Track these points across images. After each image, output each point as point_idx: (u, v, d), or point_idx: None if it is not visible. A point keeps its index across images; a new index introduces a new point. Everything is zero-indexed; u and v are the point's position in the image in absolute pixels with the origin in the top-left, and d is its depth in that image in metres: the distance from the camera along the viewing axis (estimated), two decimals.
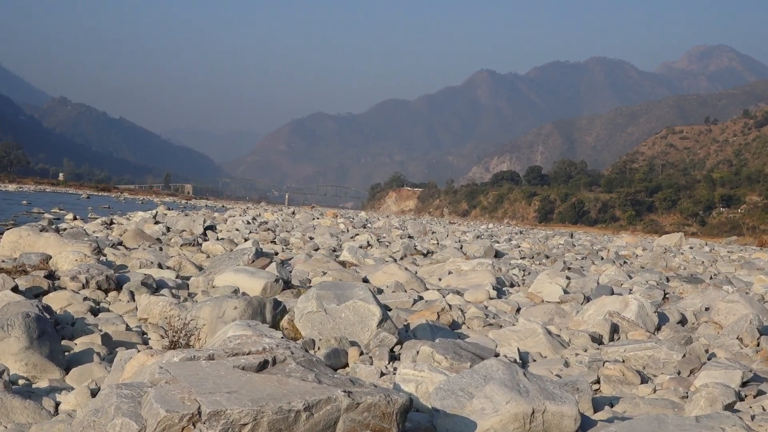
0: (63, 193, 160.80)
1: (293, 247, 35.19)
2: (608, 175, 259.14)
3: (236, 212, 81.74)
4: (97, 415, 6.96)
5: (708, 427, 8.60)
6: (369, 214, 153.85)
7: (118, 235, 33.21)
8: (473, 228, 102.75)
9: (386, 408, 7.58)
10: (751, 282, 30.91)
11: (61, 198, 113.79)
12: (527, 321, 16.34)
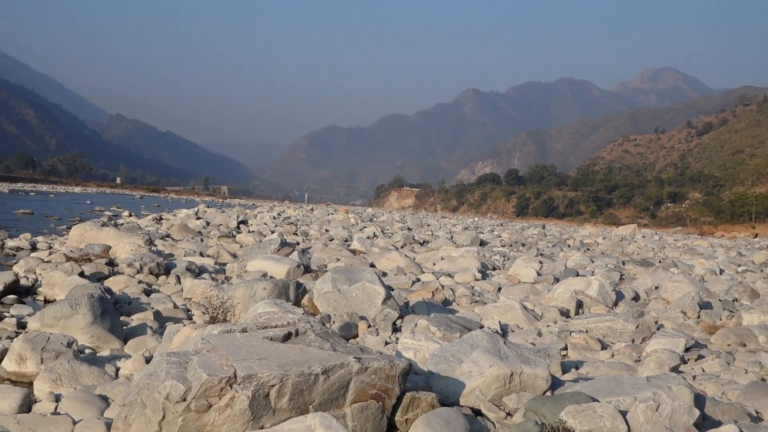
0: (120, 194, 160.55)
1: (312, 238, 35.20)
2: (574, 176, 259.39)
3: (264, 209, 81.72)
4: (150, 378, 6.99)
5: (657, 386, 8.62)
6: (375, 210, 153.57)
7: (166, 228, 33.26)
8: (462, 221, 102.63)
9: (390, 371, 7.61)
10: (693, 265, 31.17)
11: (119, 198, 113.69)
12: (507, 298, 16.37)
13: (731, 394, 9.84)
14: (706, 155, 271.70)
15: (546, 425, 7.85)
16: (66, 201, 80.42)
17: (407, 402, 7.79)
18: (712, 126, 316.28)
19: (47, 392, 8.43)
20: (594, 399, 8.26)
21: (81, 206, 63.96)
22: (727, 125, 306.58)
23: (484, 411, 8.53)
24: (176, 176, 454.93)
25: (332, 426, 6.51)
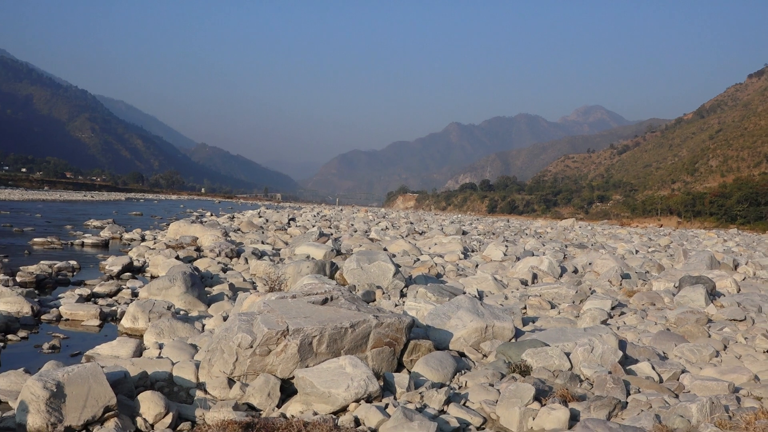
0: (204, 200, 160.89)
1: (341, 230, 35.17)
2: (529, 184, 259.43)
3: (307, 210, 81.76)
4: (227, 331, 7.00)
5: (591, 334, 8.61)
6: (386, 210, 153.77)
7: (237, 224, 33.30)
8: (449, 217, 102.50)
9: (399, 325, 7.60)
10: (615, 247, 31.18)
11: (203, 203, 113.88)
12: (482, 272, 16.36)
13: (645, 339, 9.83)
14: (624, 168, 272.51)
15: (512, 363, 7.86)
16: (165, 205, 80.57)
17: (411, 347, 7.80)
18: (628, 147, 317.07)
19: (153, 342, 8.46)
20: (546, 344, 8.26)
21: (176, 209, 64.09)
22: (639, 146, 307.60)
23: (466, 353, 8.53)
24: (243, 186, 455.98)
25: (357, 365, 6.50)
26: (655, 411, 6.38)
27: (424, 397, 6.65)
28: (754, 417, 5.88)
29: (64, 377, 5.60)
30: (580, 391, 7.07)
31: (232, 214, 47.34)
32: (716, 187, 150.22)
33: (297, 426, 5.35)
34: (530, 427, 6.16)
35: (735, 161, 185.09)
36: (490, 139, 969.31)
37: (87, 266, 16.42)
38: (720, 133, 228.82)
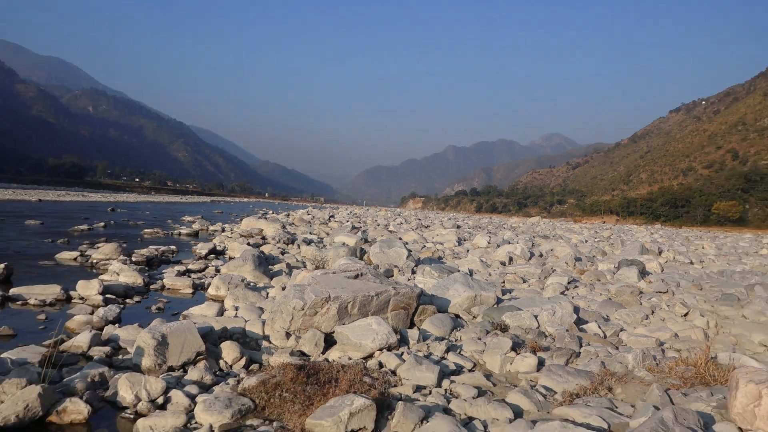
0: (267, 202, 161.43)
1: (368, 224, 35.15)
2: (506, 191, 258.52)
3: (343, 210, 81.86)
4: (285, 298, 6.99)
5: (553, 302, 8.53)
6: (400, 210, 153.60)
7: (291, 219, 33.32)
8: (446, 215, 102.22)
9: (411, 294, 7.57)
10: (570, 237, 30.85)
11: (267, 204, 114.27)
12: (472, 256, 16.24)
13: (593, 306, 9.73)
14: (577, 179, 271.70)
15: (494, 323, 7.81)
16: (239, 206, 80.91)
17: (420, 310, 7.77)
18: (579, 164, 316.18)
19: (231, 305, 8.48)
20: (520, 309, 8.19)
21: (247, 208, 64.33)
22: (588, 163, 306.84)
23: (461, 315, 8.49)
24: (296, 192, 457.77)
25: (381, 323, 6.49)
26: (601, 359, 6.33)
27: (429, 347, 6.63)
28: (675, 364, 5.83)
29: (167, 330, 5.64)
30: (545, 344, 7.02)
31: (288, 212, 47.46)
32: (645, 194, 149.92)
33: (336, 367, 5.35)
34: (508, 370, 6.12)
35: (659, 174, 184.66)
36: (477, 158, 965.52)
37: (183, 250, 16.51)
38: (648, 153, 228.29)
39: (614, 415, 4.52)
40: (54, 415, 4.31)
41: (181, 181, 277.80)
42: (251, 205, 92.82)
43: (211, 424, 4.27)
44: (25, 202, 40.90)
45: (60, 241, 16.14)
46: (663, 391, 4.89)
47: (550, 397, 5.22)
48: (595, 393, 5.23)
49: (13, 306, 8.00)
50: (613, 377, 5.54)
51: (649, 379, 5.52)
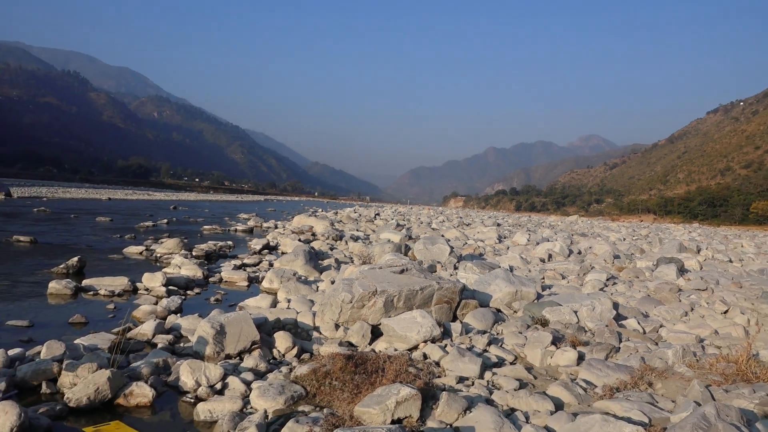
0: (317, 201, 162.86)
1: (412, 222, 35.09)
2: (545, 190, 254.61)
3: (388, 208, 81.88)
4: (334, 291, 7.00)
5: (592, 298, 8.35)
6: (442, 209, 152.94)
7: (339, 217, 33.51)
8: (487, 214, 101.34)
9: (454, 289, 7.50)
10: (608, 235, 30.14)
11: (316, 203, 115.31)
12: (512, 253, 16.05)
13: (632, 303, 9.46)
14: (614, 179, 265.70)
15: (534, 317, 7.67)
16: (291, 204, 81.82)
17: (462, 305, 7.69)
18: (617, 164, 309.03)
19: (284, 297, 8.55)
20: (559, 304, 8.03)
21: (298, 207, 65.01)
22: (625, 164, 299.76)
23: (502, 310, 8.37)
24: (343, 191, 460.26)
25: (425, 316, 6.43)
26: (640, 354, 6.14)
27: (472, 340, 6.55)
28: (716, 361, 5.62)
29: (224, 320, 5.71)
30: (585, 339, 6.85)
31: (336, 211, 47.77)
32: (683, 193, 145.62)
33: (383, 358, 5.32)
34: (549, 363, 6.00)
35: (697, 174, 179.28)
36: (516, 159, 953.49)
37: (239, 245, 16.76)
38: (685, 154, 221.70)
39: (655, 410, 4.37)
40: (122, 397, 4.41)
41: (237, 181, 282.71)
42: (302, 203, 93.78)
43: (265, 410, 4.30)
44: (96, 201, 42.23)
45: (127, 237, 16.59)
46: (704, 387, 4.70)
47: (591, 390, 5.08)
48: (635, 387, 5.08)
49: (85, 296, 8.24)
50: (653, 372, 5.37)
51: (690, 375, 5.32)
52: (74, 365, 4.62)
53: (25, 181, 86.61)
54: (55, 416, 4.04)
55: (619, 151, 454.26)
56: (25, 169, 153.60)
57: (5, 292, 8.09)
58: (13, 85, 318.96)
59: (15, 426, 3.56)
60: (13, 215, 22.73)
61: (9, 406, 3.65)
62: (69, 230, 17.89)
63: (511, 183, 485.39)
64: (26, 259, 11.30)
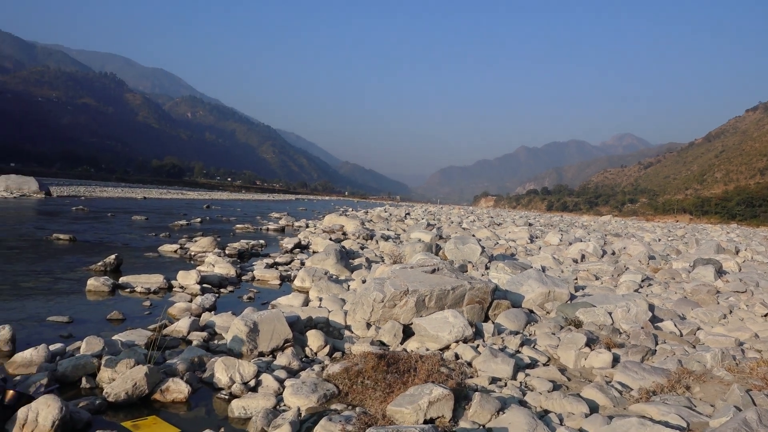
0: (347, 200, 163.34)
1: (442, 221, 34.95)
2: (577, 190, 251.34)
3: (418, 208, 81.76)
4: (365, 290, 7.02)
5: (627, 299, 8.22)
6: (473, 208, 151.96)
7: (370, 217, 33.55)
8: (518, 214, 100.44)
9: (486, 289, 7.46)
10: (643, 236, 29.61)
11: (346, 202, 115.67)
12: (544, 253, 15.87)
13: (668, 304, 9.27)
14: (649, 179, 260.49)
15: (568, 318, 7.57)
16: (321, 204, 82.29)
17: (494, 305, 7.64)
18: (652, 164, 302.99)
19: (315, 296, 8.61)
20: (593, 305, 7.92)
21: (328, 206, 65.33)
22: (660, 163, 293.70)
23: (534, 311, 8.28)
24: (374, 191, 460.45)
25: (457, 316, 6.41)
26: (677, 357, 6.01)
27: (504, 340, 6.50)
28: (756, 365, 5.48)
29: (258, 318, 5.77)
30: (620, 341, 6.74)
31: (366, 210, 47.86)
32: (720, 193, 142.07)
33: (415, 357, 5.32)
34: (583, 365, 5.92)
35: (735, 174, 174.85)
36: (548, 158, 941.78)
37: (271, 244, 16.92)
38: (723, 153, 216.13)
39: (693, 414, 4.28)
40: (158, 393, 4.49)
41: (269, 181, 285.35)
42: (332, 203, 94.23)
43: (298, 407, 4.33)
44: (132, 200, 43.07)
45: (162, 235, 16.88)
46: (744, 392, 4.59)
47: (626, 393, 5.00)
48: (672, 391, 4.98)
49: (122, 293, 8.41)
50: (691, 376, 5.25)
51: (729, 378, 5.20)
52: (113, 361, 4.73)
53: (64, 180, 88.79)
54: (95, 410, 4.13)
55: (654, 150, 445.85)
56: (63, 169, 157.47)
57: (46, 289, 8.31)
58: (52, 87, 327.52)
59: (57, 419, 3.65)
60: (53, 214, 23.32)
61: (51, 399, 3.75)
62: (106, 228, 18.28)
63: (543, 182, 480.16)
64: (66, 257, 11.58)
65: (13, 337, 5.45)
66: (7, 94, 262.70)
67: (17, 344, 5.42)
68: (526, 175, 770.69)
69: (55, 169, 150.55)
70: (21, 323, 6.28)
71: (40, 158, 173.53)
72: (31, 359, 4.89)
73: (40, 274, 9.44)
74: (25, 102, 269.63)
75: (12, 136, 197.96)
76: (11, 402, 3.86)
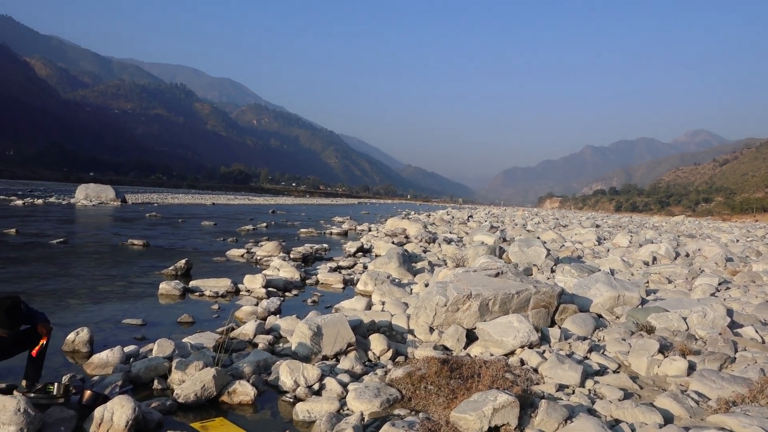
0: (409, 203, 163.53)
1: (505, 224, 34.45)
2: (647, 190, 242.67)
3: (481, 210, 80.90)
4: (428, 294, 6.97)
5: (703, 304, 7.82)
6: (537, 210, 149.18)
7: (432, 220, 33.45)
8: (584, 215, 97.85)
9: (552, 293, 7.27)
10: (719, 237, 28.24)
11: (409, 206, 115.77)
12: (613, 255, 15.37)
13: (748, 309, 8.77)
14: (725, 177, 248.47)
15: (639, 323, 7.29)
16: (384, 208, 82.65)
17: (561, 309, 7.43)
18: (728, 161, 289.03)
19: (378, 300, 8.62)
20: (666, 310, 7.58)
21: (391, 210, 65.57)
22: (738, 159, 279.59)
23: (603, 315, 8.01)
24: (436, 193, 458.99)
25: (522, 321, 6.27)
26: (760, 365, 5.66)
27: (571, 346, 6.31)
28: None
29: (321, 322, 5.83)
30: (696, 348, 6.42)
31: (428, 213, 47.75)
32: None
33: (479, 363, 5.23)
34: (656, 372, 5.67)
35: None
36: (616, 157, 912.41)
37: (334, 248, 17.10)
38: None
39: None
40: (225, 395, 4.59)
41: (332, 185, 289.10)
42: (395, 206, 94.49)
43: (362, 412, 4.33)
44: (201, 206, 44.55)
45: (230, 240, 17.36)
46: None
47: (703, 403, 4.75)
48: (754, 401, 4.69)
49: (192, 296, 8.69)
50: None
51: None
52: (183, 363, 4.87)
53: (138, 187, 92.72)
54: (166, 411, 4.26)
55: (731, 147, 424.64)
56: (138, 177, 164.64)
57: (121, 293, 8.67)
58: (127, 99, 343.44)
59: (130, 419, 3.79)
60: (128, 220, 24.40)
61: (125, 400, 3.89)
62: (177, 234, 18.96)
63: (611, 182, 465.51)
64: (140, 262, 12.08)
65: (91, 339, 5.70)
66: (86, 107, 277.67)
67: (95, 346, 5.67)
68: (593, 174, 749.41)
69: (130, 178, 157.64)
70: (98, 325, 6.58)
71: (116, 167, 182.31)
72: (107, 360, 5.10)
73: (116, 278, 9.88)
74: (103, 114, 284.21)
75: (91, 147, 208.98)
76: (89, 402, 4.04)
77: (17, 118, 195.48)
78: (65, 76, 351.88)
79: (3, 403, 3.62)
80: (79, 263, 11.42)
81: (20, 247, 13.12)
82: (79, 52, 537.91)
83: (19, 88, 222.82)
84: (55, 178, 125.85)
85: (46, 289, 8.61)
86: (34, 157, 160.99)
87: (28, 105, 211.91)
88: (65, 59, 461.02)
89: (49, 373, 4.60)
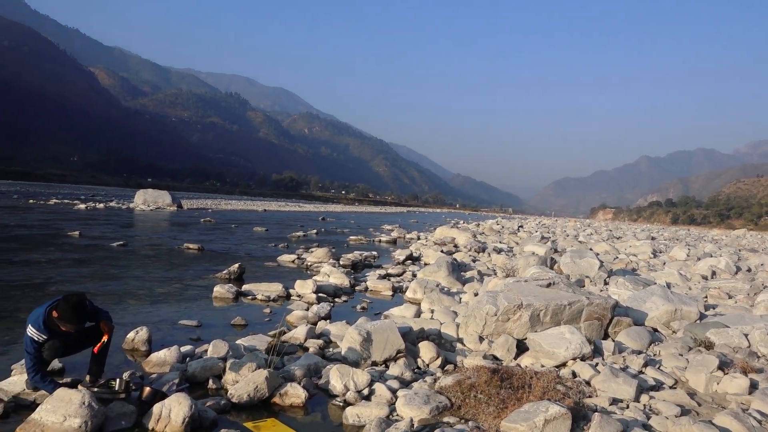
0: (458, 212, 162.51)
1: (557, 234, 33.84)
2: (706, 202, 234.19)
3: (531, 220, 79.69)
4: (478, 303, 6.93)
5: (766, 320, 7.51)
6: (590, 221, 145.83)
7: (482, 229, 33.18)
8: (639, 227, 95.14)
9: (605, 305, 7.13)
10: None
11: (457, 215, 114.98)
12: (669, 269, 14.93)
13: None
14: None
15: (697, 339, 7.05)
16: (433, 216, 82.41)
17: (615, 322, 7.26)
18: None
19: (427, 308, 8.61)
20: (726, 326, 7.32)
21: (439, 218, 65.31)
22: None
23: (659, 329, 7.78)
24: (485, 203, 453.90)
25: (574, 332, 6.16)
26: None
27: (626, 359, 6.16)
28: None
29: (371, 328, 5.87)
30: (758, 365, 6.17)
31: (478, 222, 47.36)
32: None
33: (530, 374, 5.17)
34: (714, 390, 5.48)
35: None
36: (672, 168, 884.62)
37: (383, 255, 17.16)
38: None
39: None
40: (277, 396, 4.67)
41: (381, 193, 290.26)
42: (443, 215, 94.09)
43: (411, 418, 4.34)
44: (253, 212, 45.43)
45: (281, 246, 17.65)
46: None
47: (766, 423, 4.57)
48: None
49: (244, 300, 8.88)
50: None
51: None
52: (237, 364, 4.99)
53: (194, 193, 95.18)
54: (220, 410, 4.37)
55: None
56: (193, 183, 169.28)
57: (178, 295, 8.94)
58: (184, 108, 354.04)
59: (187, 416, 3.91)
60: (184, 225, 25.11)
61: (183, 398, 4.02)
62: (230, 239, 19.40)
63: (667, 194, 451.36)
64: (195, 265, 12.41)
65: (150, 338, 5.90)
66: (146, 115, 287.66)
67: (153, 345, 5.87)
68: (648, 186, 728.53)
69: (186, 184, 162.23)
70: (156, 326, 6.80)
71: (173, 173, 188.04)
72: (165, 359, 5.27)
73: (173, 280, 10.18)
74: (161, 122, 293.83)
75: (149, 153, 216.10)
76: (148, 398, 4.19)
77: (81, 126, 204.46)
78: (126, 86, 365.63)
79: (69, 397, 3.79)
80: (137, 265, 11.83)
81: (83, 249, 13.68)
82: (139, 62, 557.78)
83: (84, 97, 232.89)
84: (115, 184, 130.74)
85: (107, 289, 8.95)
86: (96, 163, 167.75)
87: (92, 113, 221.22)
88: (127, 69, 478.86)
89: (109, 370, 4.78)
